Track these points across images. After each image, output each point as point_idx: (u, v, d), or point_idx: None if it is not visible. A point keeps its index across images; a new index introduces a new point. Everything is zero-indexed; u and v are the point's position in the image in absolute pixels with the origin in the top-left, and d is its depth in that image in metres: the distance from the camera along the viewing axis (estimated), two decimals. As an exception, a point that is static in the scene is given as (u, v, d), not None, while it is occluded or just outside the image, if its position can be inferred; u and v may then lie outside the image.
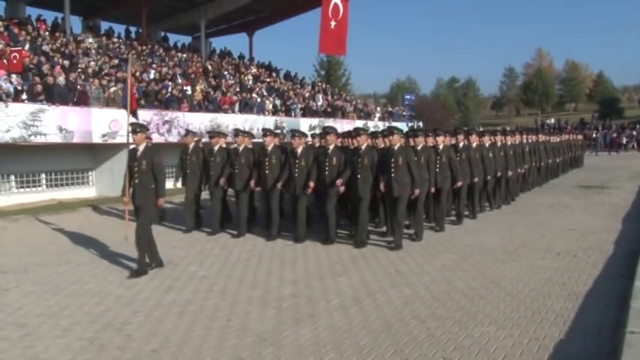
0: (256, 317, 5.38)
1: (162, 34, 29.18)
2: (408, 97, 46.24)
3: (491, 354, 4.33)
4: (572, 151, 22.17)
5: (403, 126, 26.42)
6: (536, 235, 9.14)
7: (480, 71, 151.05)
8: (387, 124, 27.82)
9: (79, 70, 18.23)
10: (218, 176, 10.11)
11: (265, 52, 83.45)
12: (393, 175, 8.37)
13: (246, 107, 22.57)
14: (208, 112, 20.49)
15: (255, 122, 21.06)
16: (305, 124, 23.50)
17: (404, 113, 36.84)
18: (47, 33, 20.73)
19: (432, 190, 9.64)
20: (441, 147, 9.99)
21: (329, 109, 28.13)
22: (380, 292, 6.11)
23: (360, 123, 25.79)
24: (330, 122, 22.95)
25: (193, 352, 4.54)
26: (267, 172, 9.40)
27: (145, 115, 17.92)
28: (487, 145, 11.73)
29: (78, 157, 16.69)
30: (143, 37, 25.83)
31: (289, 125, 21.82)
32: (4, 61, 15.65)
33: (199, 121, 18.75)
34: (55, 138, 14.86)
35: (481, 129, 24.69)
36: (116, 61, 20.84)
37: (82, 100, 16.47)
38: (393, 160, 8.40)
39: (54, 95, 15.55)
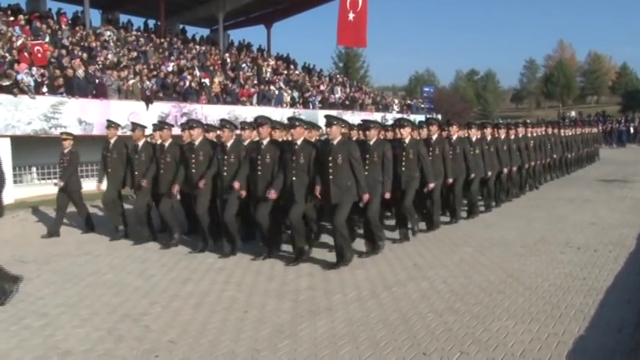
0: (273, 309, 5.38)
1: (181, 26, 29.30)
2: (426, 89, 45.87)
3: (509, 349, 4.28)
4: (586, 146, 21.00)
5: (421, 119, 26.23)
6: (556, 229, 9.02)
7: (500, 63, 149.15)
8: (405, 116, 27.68)
9: (99, 62, 18.38)
10: (143, 175, 8.74)
11: (283, 44, 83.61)
12: (403, 168, 8.17)
13: (264, 99, 22.64)
14: (226, 104, 20.57)
15: (273, 114, 21.07)
16: (323, 116, 23.45)
17: (422, 105, 36.62)
18: (67, 26, 20.91)
19: (450, 181, 9.46)
20: (454, 138, 9.94)
21: (347, 102, 28.06)
22: (397, 286, 6.08)
23: (378, 115, 25.73)
24: (348, 114, 22.96)
25: (210, 343, 4.56)
26: (224, 172, 7.78)
27: (163, 107, 18.09)
28: (489, 139, 11.07)
29: (98, 149, 16.82)
30: (161, 29, 25.95)
31: (307, 118, 21.80)
32: (26, 54, 15.84)
33: (217, 113, 18.82)
34: (75, 130, 14.98)
35: (500, 121, 24.43)
36: (135, 54, 20.98)
37: (101, 92, 16.63)
38: (404, 153, 8.18)
39: (73, 88, 15.75)
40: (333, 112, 24.58)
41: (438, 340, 4.51)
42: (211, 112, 18.93)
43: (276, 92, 23.83)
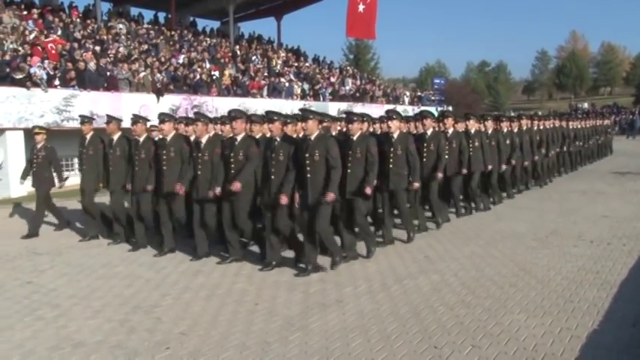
0: (283, 302, 5.39)
1: (191, 19, 29.30)
2: (437, 81, 45.65)
3: (521, 342, 4.26)
4: (597, 138, 20.11)
5: (432, 110, 26.11)
6: (569, 222, 8.95)
7: (512, 55, 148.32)
8: (416, 108, 27.58)
9: (110, 55, 18.44)
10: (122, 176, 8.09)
11: (294, 36, 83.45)
12: (391, 165, 7.46)
13: (275, 92, 22.63)
14: (237, 96, 20.58)
15: (284, 107, 21.07)
16: (333, 108, 23.43)
17: (433, 97, 36.43)
18: (79, 19, 20.99)
19: (464, 172, 9.34)
20: (472, 131, 9.84)
21: (357, 94, 27.98)
22: (408, 278, 6.06)
23: (389, 107, 25.61)
24: (358, 106, 22.90)
25: (221, 335, 4.57)
26: (198, 171, 7.11)
27: (174, 100, 18.13)
28: (489, 132, 10.52)
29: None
30: (172, 22, 25.97)
31: (318, 110, 21.77)
32: (39, 48, 15.93)
33: (227, 106, 18.84)
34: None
35: (512, 113, 24.14)
36: (145, 47, 21.03)
37: (112, 85, 16.69)
38: (392, 149, 7.46)
39: (85, 80, 15.81)
40: (344, 105, 24.58)
41: (450, 333, 4.49)
42: (222, 105, 18.93)
43: (287, 84, 23.80)
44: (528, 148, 12.00)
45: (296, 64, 28.29)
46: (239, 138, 6.81)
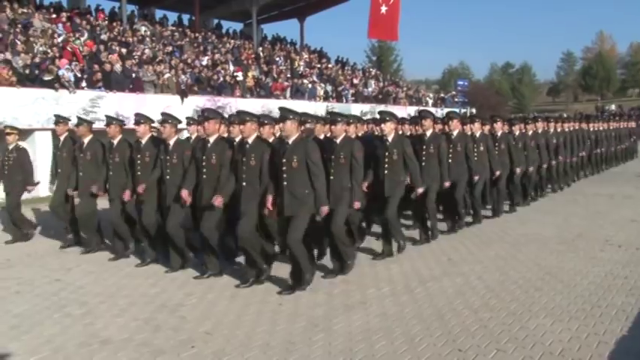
0: (307, 302, 5.40)
1: (215, 21, 29.54)
2: (460, 82, 45.27)
3: (547, 347, 4.21)
4: (621, 141, 19.17)
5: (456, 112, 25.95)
6: (595, 226, 8.82)
7: (536, 56, 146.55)
8: (439, 110, 27.44)
9: (135, 57, 18.70)
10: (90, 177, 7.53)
11: (316, 38, 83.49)
12: (386, 171, 6.93)
13: (298, 93, 22.72)
14: (260, 97, 20.70)
15: (307, 108, 21.13)
16: (356, 109, 23.43)
17: (456, 99, 36.18)
18: (105, 22, 21.34)
19: (447, 184, 8.14)
20: (499, 134, 9.72)
21: (380, 96, 27.94)
22: (432, 281, 6.04)
23: (412, 109, 25.52)
24: (381, 108, 22.85)
25: (245, 335, 4.61)
26: (167, 176, 6.65)
27: (198, 101, 18.31)
28: (499, 134, 9.77)
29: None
30: (196, 24, 26.23)
31: (340, 111, 21.77)
32: (69, 49, 16.26)
33: (251, 107, 18.97)
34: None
35: (536, 115, 23.77)
36: (170, 48, 21.28)
37: (137, 86, 16.93)
38: (387, 153, 6.90)
39: (111, 82, 16.06)
40: (367, 106, 24.55)
41: (474, 336, 4.46)
42: (245, 106, 19.05)
43: (310, 86, 23.87)
44: (545, 152, 11.24)
45: (319, 66, 28.34)
46: (211, 140, 6.24)
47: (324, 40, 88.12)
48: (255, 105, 19.32)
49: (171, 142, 6.69)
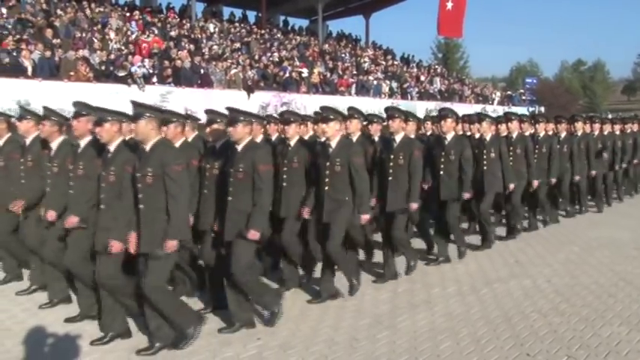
0: (371, 300, 5.41)
1: (282, 18, 29.89)
2: (529, 80, 43.96)
3: (622, 357, 4.05)
4: None
5: (523, 111, 25.24)
6: (674, 232, 8.40)
7: (611, 53, 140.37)
8: (506, 108, 26.79)
9: (205, 54, 19.21)
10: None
11: (381, 34, 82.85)
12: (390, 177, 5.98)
13: (363, 90, 22.70)
14: (325, 94, 20.83)
15: (372, 105, 21.09)
16: (421, 107, 23.18)
17: (524, 97, 35.15)
18: (175, 19, 22.02)
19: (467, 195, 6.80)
20: (562, 135, 9.21)
21: (446, 93, 27.54)
22: (498, 282, 5.92)
23: (478, 107, 25.08)
24: (447, 106, 22.55)
25: (310, 329, 4.67)
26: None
27: (264, 97, 18.63)
28: (514, 136, 8.16)
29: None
30: (262, 21, 26.63)
31: (405, 109, 21.59)
32: (138, 46, 16.92)
33: (315, 103, 19.13)
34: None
35: (610, 116, 22.65)
36: (237, 45, 21.71)
37: (205, 82, 17.39)
38: (392, 156, 5.95)
39: (180, 78, 16.58)
40: (432, 104, 24.23)
41: (543, 341, 4.35)
42: (309, 103, 19.22)
43: (375, 83, 23.79)
44: (583, 159, 9.59)
45: (384, 63, 28.20)
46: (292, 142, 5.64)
47: (389, 37, 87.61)
48: (320, 101, 19.46)
49: (54, 145, 5.26)
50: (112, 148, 4.46)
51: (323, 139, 5.64)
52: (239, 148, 4.62)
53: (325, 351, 4.23)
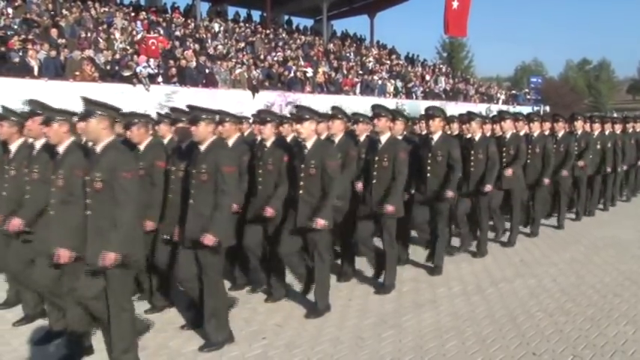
0: (376, 299, 5.41)
1: (286, 17, 29.89)
2: (534, 79, 43.79)
3: (628, 356, 4.05)
4: None
5: (528, 110, 25.17)
6: (680, 231, 8.36)
7: (616, 52, 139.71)
8: (511, 108, 26.72)
9: (210, 54, 19.23)
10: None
11: (386, 33, 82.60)
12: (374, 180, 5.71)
13: (367, 89, 22.70)
14: (330, 93, 20.82)
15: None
16: (426, 106, 23.14)
17: (529, 97, 35.06)
18: (180, 19, 22.05)
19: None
20: (579, 132, 9.13)
21: (451, 93, 27.50)
22: (503, 282, 5.92)
23: (482, 107, 25.05)
24: (451, 105, 22.54)
25: (315, 328, 4.67)
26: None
27: (268, 97, 18.63)
28: (508, 136, 7.74)
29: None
30: (267, 20, 26.64)
31: (410, 108, 21.56)
32: (144, 46, 16.94)
33: (320, 103, 19.14)
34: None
35: (615, 115, 22.53)
36: (242, 44, 21.73)
37: (210, 81, 17.42)
38: (376, 158, 5.68)
39: (185, 77, 16.61)
40: (436, 103, 24.18)
41: (549, 340, 4.35)
42: (314, 102, 19.23)
43: (379, 82, 23.77)
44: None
45: (389, 62, 28.16)
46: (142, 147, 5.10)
47: (393, 36, 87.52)
48: (325, 101, 19.45)
49: (13, 147, 4.91)
50: (61, 149, 4.15)
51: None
52: (202, 148, 4.37)
53: (330, 350, 4.23)
